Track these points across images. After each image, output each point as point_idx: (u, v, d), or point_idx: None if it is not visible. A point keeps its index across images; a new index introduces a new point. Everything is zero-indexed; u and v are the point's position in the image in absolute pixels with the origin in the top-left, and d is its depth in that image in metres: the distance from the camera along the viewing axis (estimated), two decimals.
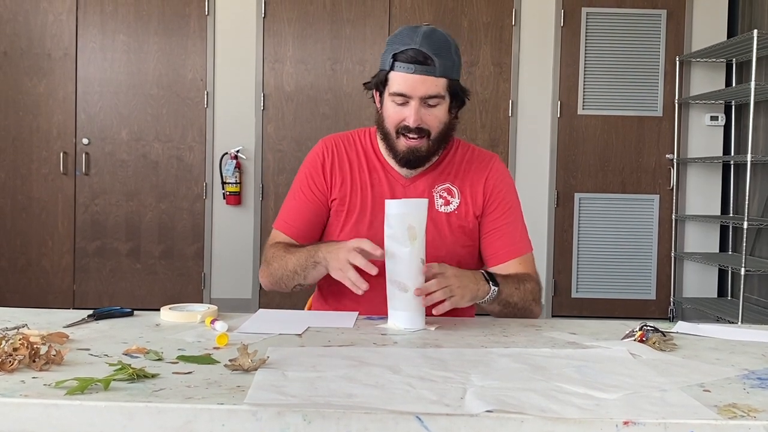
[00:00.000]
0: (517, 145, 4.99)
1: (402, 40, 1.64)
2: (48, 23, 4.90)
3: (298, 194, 1.81)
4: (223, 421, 0.94)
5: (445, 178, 1.78)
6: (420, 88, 1.63)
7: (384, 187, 1.77)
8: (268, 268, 1.75)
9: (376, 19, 4.93)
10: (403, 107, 1.66)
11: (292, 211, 1.80)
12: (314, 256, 1.63)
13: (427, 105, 1.65)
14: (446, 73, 1.64)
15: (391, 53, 1.65)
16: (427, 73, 1.62)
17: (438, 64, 1.62)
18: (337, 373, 1.11)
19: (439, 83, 1.63)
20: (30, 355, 1.11)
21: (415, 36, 1.63)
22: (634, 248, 5.01)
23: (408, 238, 1.45)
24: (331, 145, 1.82)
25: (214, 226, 4.99)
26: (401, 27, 1.70)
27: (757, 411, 0.97)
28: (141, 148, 4.95)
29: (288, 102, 4.96)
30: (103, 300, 4.91)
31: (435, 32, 1.65)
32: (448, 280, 1.48)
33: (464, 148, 1.85)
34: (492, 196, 1.77)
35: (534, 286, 1.71)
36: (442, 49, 1.63)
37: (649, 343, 1.34)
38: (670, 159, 4.97)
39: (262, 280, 1.81)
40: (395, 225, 1.46)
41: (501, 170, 1.82)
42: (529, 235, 1.82)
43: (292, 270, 1.68)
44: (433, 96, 1.64)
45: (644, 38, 4.95)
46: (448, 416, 0.94)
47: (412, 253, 1.45)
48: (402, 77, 1.64)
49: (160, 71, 4.93)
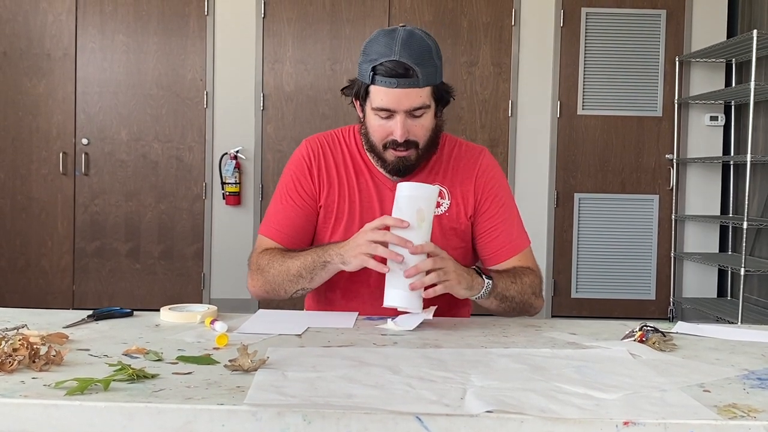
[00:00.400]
0: (517, 145, 4.99)
1: (380, 50, 1.56)
2: (47, 23, 4.90)
3: (285, 199, 1.73)
4: (222, 422, 0.94)
5: (434, 179, 1.72)
6: (404, 101, 1.56)
7: (371, 191, 1.72)
8: (262, 275, 1.65)
9: (375, 19, 4.93)
10: (388, 121, 1.60)
11: (280, 216, 1.72)
12: (323, 255, 1.56)
13: (413, 116, 1.59)
14: (430, 82, 1.57)
15: (370, 65, 1.56)
16: (410, 86, 1.55)
17: (421, 74, 1.54)
18: (337, 373, 1.11)
19: (423, 93, 1.57)
20: (30, 356, 1.11)
21: (393, 45, 1.54)
22: (634, 248, 5.01)
23: (416, 221, 1.45)
24: (317, 147, 1.76)
25: (214, 226, 4.99)
26: (377, 32, 1.61)
27: (757, 411, 0.97)
28: (140, 149, 4.95)
29: (288, 102, 4.96)
30: (102, 300, 4.91)
31: (413, 37, 1.56)
32: (444, 261, 1.46)
33: (451, 143, 1.78)
34: (484, 194, 1.73)
35: (534, 279, 1.68)
36: (423, 56, 1.55)
37: (648, 343, 1.34)
38: (670, 159, 4.98)
39: (252, 289, 1.70)
40: (404, 207, 1.45)
41: (490, 165, 1.76)
42: (524, 225, 1.78)
43: (296, 273, 1.60)
44: (418, 108, 1.58)
45: (644, 38, 4.95)
46: (447, 416, 0.94)
47: (419, 236, 1.45)
48: (384, 92, 1.56)
49: (159, 71, 4.93)
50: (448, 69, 4.87)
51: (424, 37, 1.58)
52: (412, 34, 1.57)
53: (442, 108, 1.67)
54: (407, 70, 1.54)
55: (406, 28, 1.58)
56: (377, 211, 1.71)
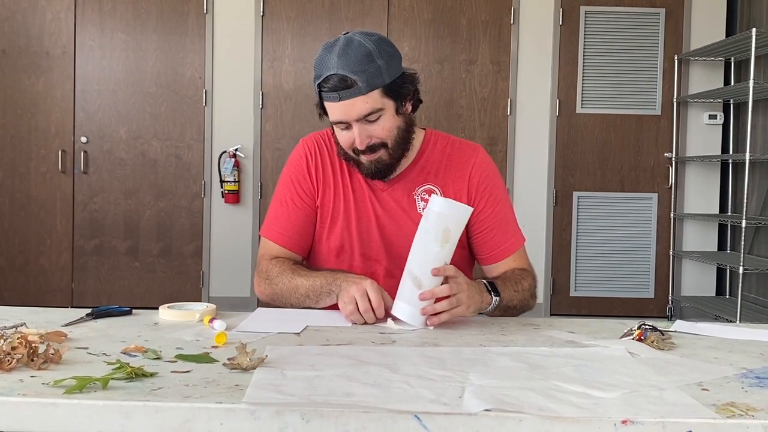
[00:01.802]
0: (516, 143, 4.99)
1: (321, 66, 1.57)
2: (46, 21, 4.89)
3: (287, 201, 1.74)
4: (221, 420, 0.94)
5: (425, 178, 1.72)
6: (352, 112, 1.56)
7: (365, 190, 1.72)
8: (270, 285, 1.67)
9: (374, 18, 4.92)
10: (348, 130, 1.61)
11: (282, 220, 1.74)
12: (332, 284, 1.57)
13: (369, 122, 1.58)
14: (374, 85, 1.55)
15: (316, 83, 1.58)
16: (353, 96, 1.54)
17: (361, 81, 1.53)
18: (336, 372, 1.11)
19: (370, 99, 1.56)
20: (28, 354, 1.11)
21: (330, 58, 1.55)
22: (633, 247, 5.02)
23: (441, 239, 1.44)
24: (314, 147, 1.77)
25: (213, 224, 4.99)
26: (321, 46, 1.60)
27: (755, 410, 0.98)
28: (139, 147, 4.94)
29: (287, 100, 4.96)
30: (101, 298, 4.91)
31: (350, 44, 1.55)
32: (460, 287, 1.46)
33: (443, 141, 1.77)
34: (478, 193, 1.72)
35: (530, 282, 1.70)
36: (361, 62, 1.53)
37: (647, 341, 1.34)
38: (669, 157, 4.98)
39: (260, 293, 1.72)
40: (433, 222, 1.45)
41: (484, 163, 1.75)
42: (518, 221, 1.78)
43: (304, 294, 1.61)
44: (369, 113, 1.57)
45: (643, 37, 4.95)
46: (446, 415, 0.94)
47: (440, 254, 1.45)
48: (332, 107, 1.58)
49: (158, 69, 4.93)
50: (447, 67, 4.90)
51: (364, 41, 1.56)
52: (350, 42, 1.56)
53: (408, 101, 1.65)
54: (346, 80, 1.54)
55: (347, 36, 1.58)
56: (371, 211, 1.71)
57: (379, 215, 1.71)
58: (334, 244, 1.73)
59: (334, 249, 1.73)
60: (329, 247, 1.74)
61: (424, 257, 1.45)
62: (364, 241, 1.71)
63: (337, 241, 1.73)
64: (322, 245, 1.75)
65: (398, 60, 1.61)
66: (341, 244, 1.72)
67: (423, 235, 1.46)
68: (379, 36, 1.61)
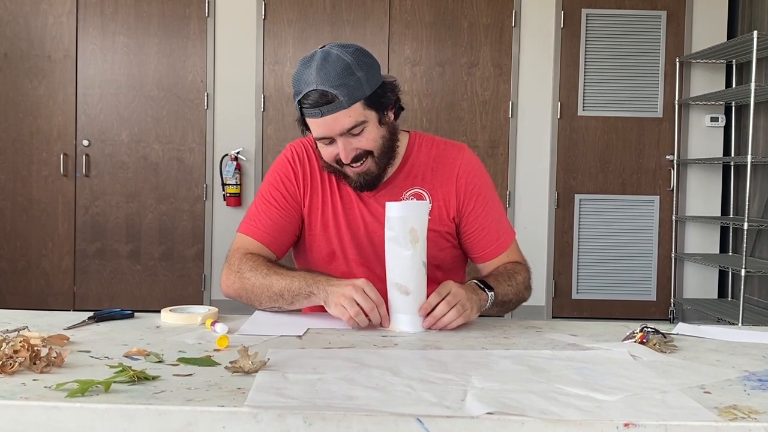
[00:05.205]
0: (518, 146, 4.99)
1: (300, 83, 1.54)
2: (48, 25, 4.90)
3: (269, 200, 1.71)
4: (223, 423, 0.94)
5: (413, 182, 1.71)
6: (335, 126, 1.54)
7: (352, 196, 1.71)
8: (240, 279, 1.62)
9: (376, 21, 4.93)
10: (332, 145, 1.59)
11: (263, 216, 1.69)
12: (311, 286, 1.51)
13: (352, 135, 1.57)
14: (355, 98, 1.53)
15: (296, 99, 1.56)
16: (335, 110, 1.52)
17: (342, 95, 1.51)
18: (338, 375, 1.11)
19: (352, 112, 1.54)
20: (30, 358, 1.11)
21: (309, 74, 1.52)
22: (635, 249, 5.01)
23: (410, 241, 1.44)
24: (302, 152, 1.74)
25: (215, 227, 4.99)
26: (299, 62, 1.58)
27: (758, 413, 0.97)
28: (141, 150, 4.95)
29: (288, 103, 4.96)
30: (103, 302, 4.92)
31: (328, 58, 1.52)
32: (456, 296, 1.46)
33: (428, 143, 1.75)
34: (466, 194, 1.71)
35: (524, 274, 1.70)
36: (340, 76, 1.51)
37: (649, 344, 1.34)
38: (671, 160, 4.98)
39: (225, 288, 1.67)
40: (397, 228, 1.44)
41: (470, 163, 1.73)
42: (507, 217, 1.79)
43: (277, 293, 1.56)
44: (352, 127, 1.55)
45: (644, 39, 4.96)
46: (448, 418, 0.94)
47: (414, 256, 1.45)
48: (314, 123, 1.56)
49: (160, 73, 4.93)
50: (448, 70, 4.90)
51: (341, 54, 1.54)
52: (327, 56, 1.53)
53: (390, 110, 1.64)
54: (327, 95, 1.51)
55: (323, 49, 1.56)
56: (359, 218, 1.70)
57: (368, 221, 1.70)
58: (325, 251, 1.72)
59: (325, 256, 1.72)
60: (321, 255, 1.73)
61: (401, 263, 1.45)
62: (355, 248, 1.70)
63: (327, 249, 1.71)
64: (313, 253, 1.74)
65: (377, 70, 1.59)
66: (332, 250, 1.71)
67: (392, 243, 1.46)
68: (356, 47, 1.58)
